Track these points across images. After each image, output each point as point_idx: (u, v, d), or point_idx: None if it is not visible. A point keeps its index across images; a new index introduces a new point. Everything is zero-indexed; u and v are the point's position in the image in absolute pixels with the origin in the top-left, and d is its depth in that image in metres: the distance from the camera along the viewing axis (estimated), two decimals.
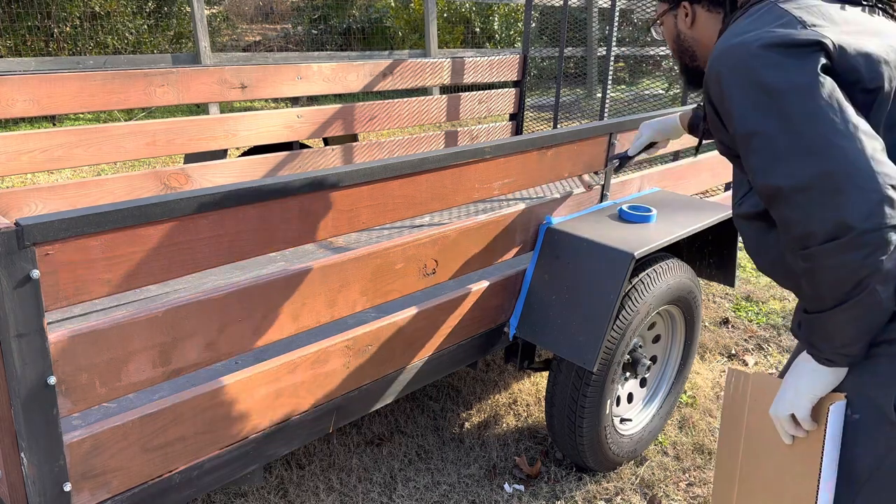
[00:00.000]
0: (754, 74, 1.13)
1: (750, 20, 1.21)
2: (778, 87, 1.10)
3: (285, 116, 3.16)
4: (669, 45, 1.57)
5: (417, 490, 2.29)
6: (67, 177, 5.48)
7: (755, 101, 1.13)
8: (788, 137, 1.09)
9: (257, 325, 1.49)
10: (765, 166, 1.12)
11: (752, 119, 1.13)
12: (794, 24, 1.15)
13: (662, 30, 1.56)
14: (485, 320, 2.11)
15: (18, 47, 7.24)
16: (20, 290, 1.12)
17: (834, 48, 1.12)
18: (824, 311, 1.14)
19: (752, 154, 1.14)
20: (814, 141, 1.07)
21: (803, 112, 1.08)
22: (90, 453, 1.31)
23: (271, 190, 1.41)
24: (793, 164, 1.08)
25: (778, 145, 1.10)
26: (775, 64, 1.11)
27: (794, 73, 1.10)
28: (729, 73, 1.16)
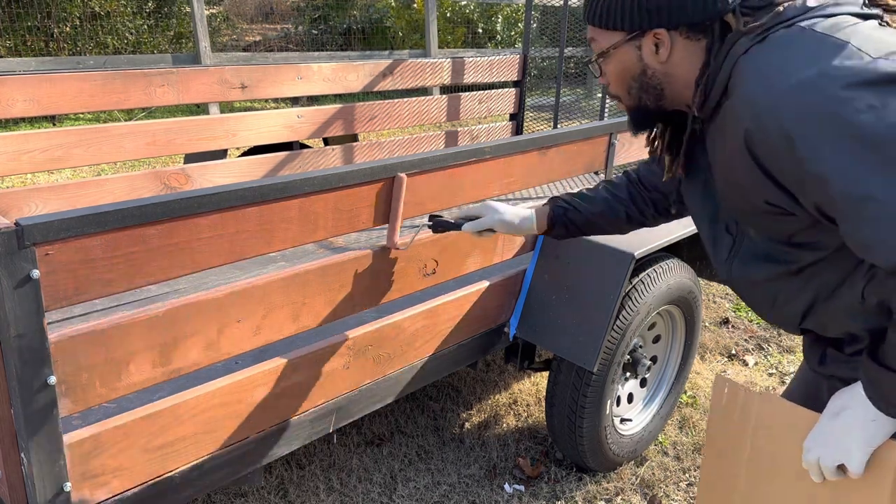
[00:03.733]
0: (848, 124, 0.93)
1: (792, 51, 1.00)
2: (887, 136, 0.92)
3: (285, 116, 3.16)
4: (620, 83, 1.21)
5: (418, 490, 2.29)
6: (67, 177, 5.48)
7: (859, 157, 0.93)
8: None
9: (257, 325, 1.49)
10: (887, 237, 0.93)
11: (864, 180, 0.93)
12: (860, 54, 0.95)
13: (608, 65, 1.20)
14: (485, 320, 2.11)
15: (18, 47, 7.24)
16: (20, 290, 1.12)
17: None
18: None
19: (865, 221, 0.95)
20: None
21: None
22: (90, 453, 1.31)
23: (271, 190, 1.41)
24: None
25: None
26: (870, 107, 0.92)
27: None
28: (806, 123, 0.96)
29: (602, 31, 1.17)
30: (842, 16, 1.03)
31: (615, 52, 1.17)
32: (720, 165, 1.14)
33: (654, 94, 1.19)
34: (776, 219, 1.11)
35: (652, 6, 1.10)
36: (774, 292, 1.21)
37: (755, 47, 1.04)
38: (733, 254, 1.24)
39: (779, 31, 1.03)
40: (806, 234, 1.11)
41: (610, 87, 1.24)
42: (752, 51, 1.04)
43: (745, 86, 1.03)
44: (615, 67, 1.19)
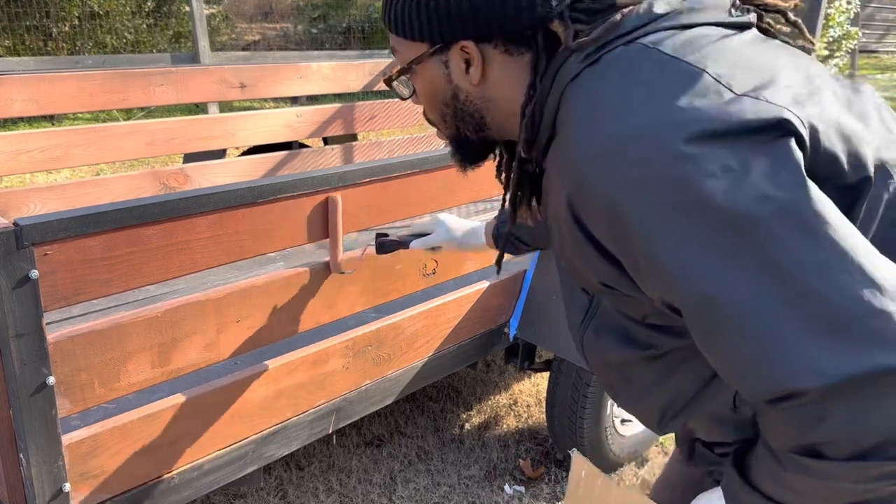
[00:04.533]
0: (694, 193, 0.66)
1: (627, 81, 0.73)
2: (750, 214, 0.65)
3: (285, 116, 3.16)
4: (432, 107, 0.93)
5: (417, 491, 2.29)
6: (66, 177, 5.47)
7: (708, 241, 0.67)
8: (798, 307, 0.64)
9: (256, 326, 1.48)
10: (758, 357, 0.66)
11: (714, 276, 0.67)
12: (718, 88, 0.70)
13: (416, 83, 0.92)
14: (485, 321, 2.10)
15: (17, 47, 7.23)
16: (19, 291, 1.12)
17: (804, 127, 0.69)
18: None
19: (720, 333, 0.68)
20: (844, 307, 0.63)
21: (810, 256, 0.65)
22: (89, 454, 1.30)
23: (271, 190, 1.41)
24: (820, 352, 0.64)
25: (779, 321, 0.65)
26: (726, 169, 0.66)
27: (766, 183, 0.66)
28: (636, 191, 0.69)
29: (402, 41, 0.90)
30: (702, 26, 0.77)
31: (419, 68, 0.89)
32: (552, 229, 0.87)
33: (473, 125, 0.91)
34: (621, 297, 0.86)
35: (452, 10, 0.81)
36: (630, 378, 0.96)
37: (587, 71, 0.77)
38: (587, 320, 0.99)
39: (616, 48, 0.77)
40: (660, 317, 0.86)
41: (424, 110, 0.97)
42: (583, 77, 0.78)
43: (570, 130, 0.76)
44: (423, 87, 0.92)
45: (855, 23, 7.82)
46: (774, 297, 0.65)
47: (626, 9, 0.78)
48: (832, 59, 6.29)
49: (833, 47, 6.21)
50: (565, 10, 0.79)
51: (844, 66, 6.55)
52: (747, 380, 0.69)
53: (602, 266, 0.79)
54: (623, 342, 0.93)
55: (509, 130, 0.91)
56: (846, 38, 6.23)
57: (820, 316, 0.64)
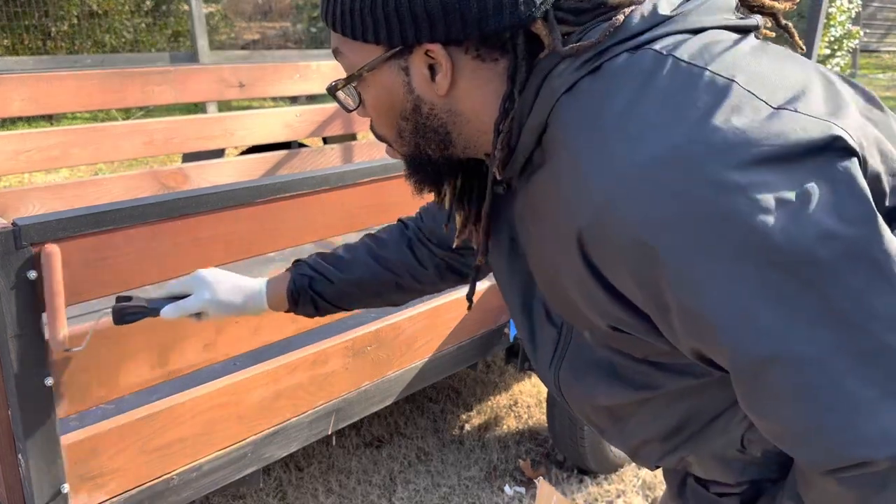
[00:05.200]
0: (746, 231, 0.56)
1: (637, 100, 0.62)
2: (812, 255, 0.55)
3: (284, 115, 3.15)
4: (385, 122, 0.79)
5: (417, 492, 2.28)
6: (65, 177, 5.46)
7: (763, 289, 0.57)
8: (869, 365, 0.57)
9: (256, 326, 1.48)
10: (822, 423, 0.59)
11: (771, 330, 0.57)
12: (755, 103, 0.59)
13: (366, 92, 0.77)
14: (485, 321, 2.10)
15: (16, 46, 7.22)
16: (17, 291, 1.11)
17: (856, 143, 0.59)
18: None
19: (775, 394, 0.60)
20: None
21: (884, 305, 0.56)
22: (88, 455, 1.30)
23: (270, 190, 1.40)
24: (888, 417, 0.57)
25: (847, 381, 0.57)
26: (782, 202, 0.56)
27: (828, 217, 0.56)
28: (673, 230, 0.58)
29: (351, 42, 0.74)
30: (712, 30, 0.68)
31: (371, 75, 0.74)
32: (536, 258, 0.79)
33: (436, 141, 0.77)
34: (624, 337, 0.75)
35: (417, 7, 0.68)
36: (622, 418, 0.86)
37: (585, 82, 0.66)
38: (559, 356, 0.86)
39: (620, 55, 0.65)
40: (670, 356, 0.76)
41: (373, 124, 0.82)
42: (581, 89, 0.66)
43: (576, 155, 0.64)
44: (376, 98, 0.77)
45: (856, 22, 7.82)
46: (844, 355, 0.57)
47: (626, 8, 0.67)
48: (833, 59, 6.29)
49: (834, 46, 6.21)
50: (550, 9, 0.68)
51: (846, 66, 6.55)
52: (809, 448, 0.61)
53: (614, 310, 0.69)
54: (613, 383, 0.82)
55: (477, 148, 0.78)
56: (847, 38, 6.24)
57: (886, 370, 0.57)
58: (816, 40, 3.14)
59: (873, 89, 11.59)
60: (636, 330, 0.71)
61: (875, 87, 11.66)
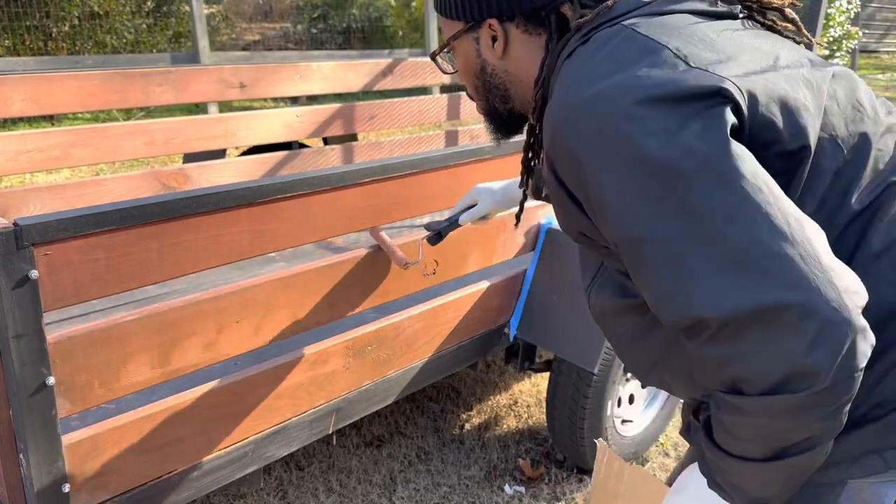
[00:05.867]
0: (634, 147, 0.77)
1: (600, 55, 0.84)
2: (676, 166, 0.75)
3: (284, 116, 3.16)
4: (467, 80, 1.10)
5: (417, 492, 2.29)
6: (66, 177, 5.47)
7: (641, 188, 0.77)
8: (706, 246, 0.74)
9: (256, 326, 1.48)
10: (671, 289, 0.76)
11: (642, 218, 0.77)
12: (674, 61, 0.80)
13: (454, 58, 1.10)
14: (485, 321, 2.10)
15: (17, 47, 7.23)
16: (18, 291, 1.12)
17: (742, 96, 0.79)
18: (747, 459, 0.82)
19: (646, 268, 0.79)
20: (747, 249, 0.72)
21: (722, 204, 0.74)
22: (89, 454, 1.30)
23: (270, 190, 1.41)
24: (720, 286, 0.73)
25: (690, 258, 0.75)
26: (664, 129, 0.76)
27: (695, 141, 0.75)
28: (591, 144, 0.80)
29: (445, 20, 1.06)
30: (680, 14, 0.88)
31: (457, 44, 1.06)
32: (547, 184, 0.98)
33: (499, 96, 1.07)
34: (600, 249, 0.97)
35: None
36: (621, 334, 1.06)
37: (579, 49, 0.89)
38: (595, 280, 1.09)
39: (602, 30, 0.88)
40: None
41: (466, 86, 1.12)
42: (575, 54, 0.89)
43: (553, 97, 0.88)
44: (461, 62, 1.08)
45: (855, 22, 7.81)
46: (689, 238, 0.75)
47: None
48: (832, 59, 6.28)
49: (833, 47, 6.21)
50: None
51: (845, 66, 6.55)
52: (663, 309, 0.79)
53: (578, 216, 0.90)
54: (616, 293, 1.03)
55: (530, 103, 1.03)
56: (846, 38, 6.24)
57: (725, 256, 0.73)
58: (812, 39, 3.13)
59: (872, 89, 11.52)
60: (595, 235, 0.91)
61: (874, 87, 11.64)
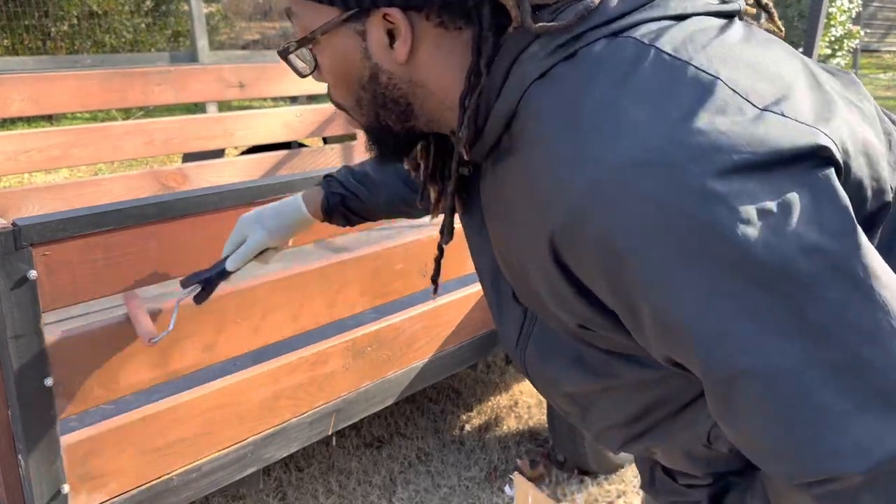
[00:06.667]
0: (728, 244, 0.53)
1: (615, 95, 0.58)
2: (793, 268, 0.53)
3: (284, 115, 3.15)
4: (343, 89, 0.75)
5: (417, 493, 2.28)
6: (65, 177, 5.46)
7: (742, 304, 0.55)
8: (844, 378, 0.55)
9: (256, 326, 1.48)
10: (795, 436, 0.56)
11: (747, 343, 0.55)
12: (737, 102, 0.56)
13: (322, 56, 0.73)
14: (485, 321, 2.10)
15: (16, 46, 7.23)
16: (17, 291, 1.11)
17: (839, 151, 0.57)
18: None
19: (749, 408, 0.58)
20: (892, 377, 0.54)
21: (859, 318, 0.54)
22: (88, 455, 1.30)
23: (270, 190, 1.40)
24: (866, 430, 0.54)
25: (821, 395, 0.55)
26: (767, 213, 0.53)
27: (813, 229, 0.54)
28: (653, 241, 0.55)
29: (303, 1, 0.70)
30: (696, 17, 0.64)
31: (325, 38, 0.70)
32: (503, 250, 0.74)
33: (397, 113, 0.74)
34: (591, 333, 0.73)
35: None
36: (586, 406, 0.84)
37: (559, 69, 0.62)
38: (524, 337, 0.84)
39: (598, 42, 0.61)
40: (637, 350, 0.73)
41: (330, 90, 0.78)
42: (555, 76, 0.62)
43: (549, 151, 0.60)
44: (332, 63, 0.73)
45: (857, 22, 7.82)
46: (817, 368, 0.54)
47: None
48: (834, 59, 6.28)
49: (835, 46, 6.21)
50: None
51: (846, 66, 6.55)
52: (780, 461, 0.59)
53: (584, 311, 0.67)
54: (577, 370, 0.80)
55: (441, 123, 0.75)
56: (848, 38, 6.24)
57: (870, 390, 0.54)
58: (817, 40, 3.14)
59: (874, 89, 11.61)
60: (605, 329, 0.69)
61: (875, 87, 11.66)
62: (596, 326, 0.69)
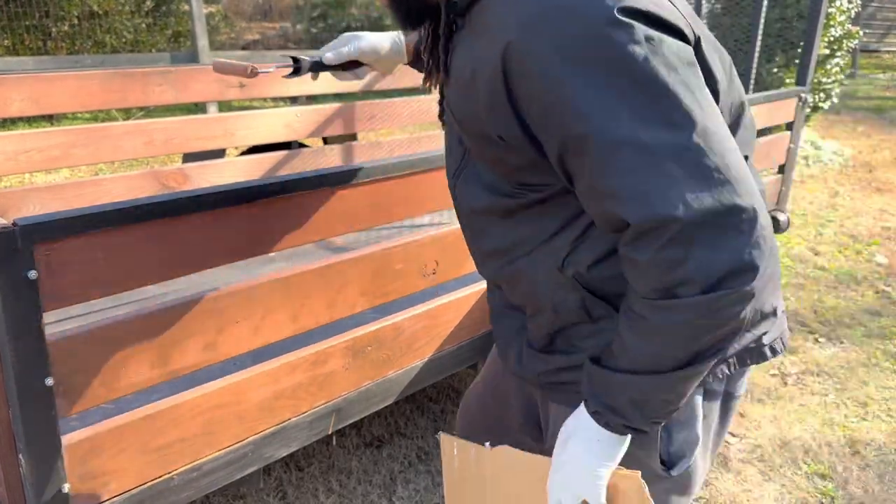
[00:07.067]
0: (623, 56, 0.81)
1: None
2: (662, 79, 0.82)
3: (284, 116, 3.15)
4: None
5: (417, 492, 2.28)
6: (65, 177, 5.47)
7: (621, 94, 0.82)
8: (683, 155, 0.82)
9: (256, 326, 1.48)
10: (644, 189, 0.82)
11: (622, 123, 0.81)
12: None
13: None
14: (486, 321, 2.10)
15: (16, 46, 7.23)
16: (18, 291, 1.11)
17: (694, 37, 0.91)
18: (658, 373, 0.90)
19: (614, 170, 0.83)
20: (716, 161, 0.82)
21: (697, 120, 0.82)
22: (88, 455, 1.30)
23: (270, 190, 1.40)
24: (693, 189, 0.81)
25: (667, 164, 0.81)
26: (652, 44, 0.82)
27: (677, 64, 0.83)
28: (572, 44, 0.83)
29: None
30: None
31: None
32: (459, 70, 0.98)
33: None
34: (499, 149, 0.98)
35: None
36: (486, 225, 1.10)
37: None
38: (460, 170, 1.11)
39: None
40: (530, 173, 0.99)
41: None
42: None
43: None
44: None
45: (856, 22, 7.80)
46: (668, 145, 0.81)
47: None
48: (833, 59, 6.28)
49: (834, 46, 6.20)
50: None
51: (846, 66, 6.54)
52: (629, 209, 0.83)
53: (508, 120, 0.91)
54: (487, 193, 1.06)
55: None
56: (847, 38, 6.22)
57: (698, 165, 0.81)
58: (816, 40, 3.14)
59: (873, 89, 11.62)
60: (517, 140, 0.93)
61: (875, 86, 11.65)
62: (512, 137, 0.93)
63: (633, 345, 0.91)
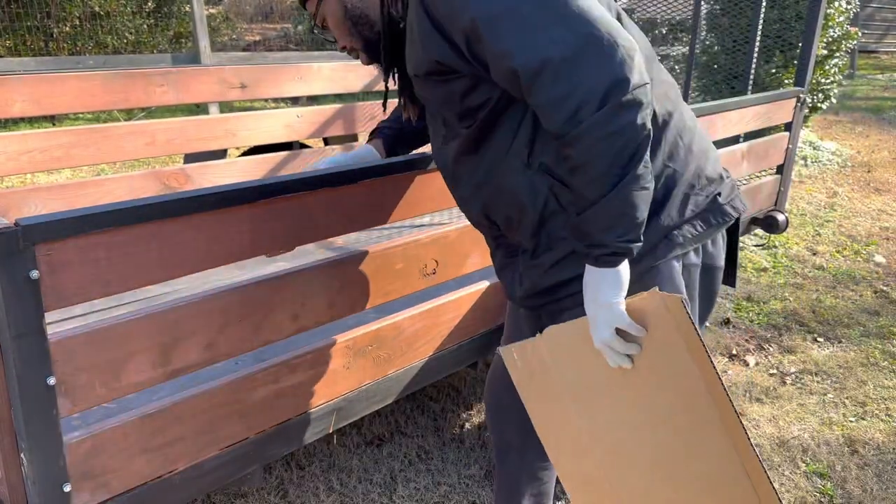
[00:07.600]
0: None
1: None
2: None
3: (285, 116, 3.16)
4: (342, 35, 1.36)
5: (418, 491, 2.29)
6: (67, 177, 5.47)
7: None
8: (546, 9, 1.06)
9: (257, 325, 1.49)
10: (524, 42, 1.06)
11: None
12: None
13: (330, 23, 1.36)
14: (485, 320, 2.11)
15: (18, 47, 7.24)
16: (19, 291, 1.12)
17: None
18: (605, 195, 1.11)
19: (502, 36, 1.08)
20: (581, 4, 1.07)
21: None
22: (90, 454, 1.31)
23: (271, 190, 1.41)
24: (557, 31, 1.05)
25: (535, 16, 1.06)
26: None
27: None
28: None
29: None
30: None
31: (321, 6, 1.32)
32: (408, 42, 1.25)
33: (366, 25, 1.32)
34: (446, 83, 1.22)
35: None
36: (463, 169, 1.33)
37: None
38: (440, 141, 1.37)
39: None
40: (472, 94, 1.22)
41: (340, 43, 1.37)
42: None
43: None
44: (334, 23, 1.34)
45: (854, 22, 7.80)
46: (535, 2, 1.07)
47: None
48: (832, 59, 6.27)
49: (833, 47, 6.20)
50: None
51: (844, 66, 6.54)
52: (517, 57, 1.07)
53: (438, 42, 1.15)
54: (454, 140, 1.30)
55: None
56: (846, 38, 6.22)
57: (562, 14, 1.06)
58: (815, 41, 3.14)
59: (871, 89, 11.62)
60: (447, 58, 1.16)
61: (873, 87, 11.65)
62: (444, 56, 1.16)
63: (579, 184, 1.13)
